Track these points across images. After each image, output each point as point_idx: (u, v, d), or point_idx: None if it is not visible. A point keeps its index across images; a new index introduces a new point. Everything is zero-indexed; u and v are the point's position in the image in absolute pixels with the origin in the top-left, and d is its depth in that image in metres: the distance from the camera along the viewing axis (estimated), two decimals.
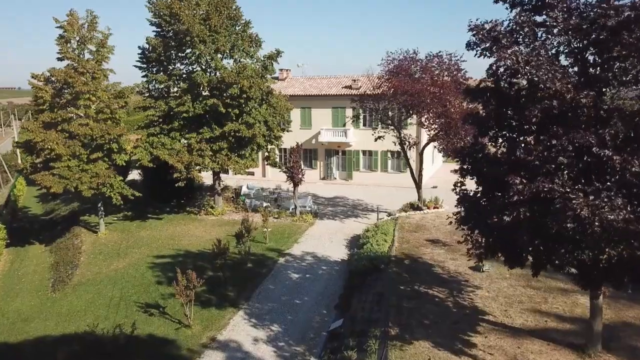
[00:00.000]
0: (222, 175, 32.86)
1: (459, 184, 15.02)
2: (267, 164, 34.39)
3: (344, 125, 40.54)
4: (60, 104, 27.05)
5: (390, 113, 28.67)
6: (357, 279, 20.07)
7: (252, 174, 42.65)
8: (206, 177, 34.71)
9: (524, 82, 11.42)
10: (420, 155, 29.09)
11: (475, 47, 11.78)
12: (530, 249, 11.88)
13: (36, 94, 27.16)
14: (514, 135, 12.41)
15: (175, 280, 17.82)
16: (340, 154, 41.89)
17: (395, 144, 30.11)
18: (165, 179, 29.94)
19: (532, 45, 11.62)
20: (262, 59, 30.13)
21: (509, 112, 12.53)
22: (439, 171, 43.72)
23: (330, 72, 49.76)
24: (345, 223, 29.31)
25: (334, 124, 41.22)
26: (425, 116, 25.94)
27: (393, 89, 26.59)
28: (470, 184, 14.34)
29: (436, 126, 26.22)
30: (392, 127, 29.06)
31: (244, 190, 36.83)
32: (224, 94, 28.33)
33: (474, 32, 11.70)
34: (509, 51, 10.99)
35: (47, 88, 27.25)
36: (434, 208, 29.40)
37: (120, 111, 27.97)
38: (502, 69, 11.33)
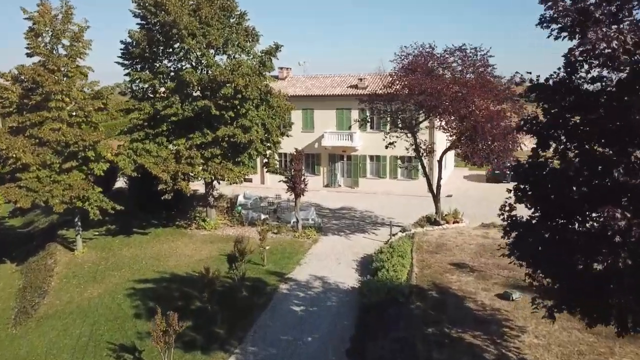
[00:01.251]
0: (217, 183, 29.53)
1: (507, 208, 11.46)
2: (267, 171, 31.03)
3: (350, 128, 37.17)
4: (29, 105, 23.71)
5: (403, 115, 25.35)
6: (373, 316, 16.72)
7: (250, 180, 39.30)
8: (200, 185, 31.43)
9: (623, 74, 8.11)
10: (439, 163, 25.74)
11: (552, 24, 8.45)
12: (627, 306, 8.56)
13: (1, 94, 23.81)
14: (601, 149, 9.05)
15: (153, 322, 14.52)
16: (345, 159, 38.55)
17: (408, 150, 26.77)
18: (152, 189, 26.61)
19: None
20: (260, 54, 26.83)
21: (587, 116, 9.20)
22: (452, 177, 40.42)
23: (335, 71, 47.73)
24: (354, 240, 25.96)
25: (338, 127, 37.89)
26: (446, 119, 22.59)
27: (408, 88, 23.28)
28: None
29: (458, 130, 22.89)
30: (406, 131, 25.72)
31: (240, 200, 33.47)
32: (217, 95, 24.99)
33: (550, 2, 8.37)
34: (606, 30, 7.66)
35: (14, 88, 23.93)
36: (454, 223, 26.06)
37: (98, 114, 24.58)
38: (594, 54, 7.97)
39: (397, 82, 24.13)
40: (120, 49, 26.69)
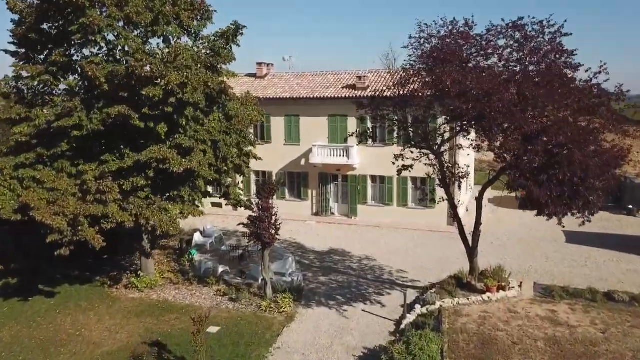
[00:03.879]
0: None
1: None
2: (227, 204, 22.38)
3: (346, 140, 28.64)
4: None
5: (423, 127, 16.73)
6: None
7: (219, 206, 30.72)
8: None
9: None
10: (478, 201, 16.96)
11: None
12: None
13: None
14: None
15: None
16: (340, 180, 29.96)
17: (430, 176, 18.16)
18: None
19: None
20: (212, 38, 18.21)
21: None
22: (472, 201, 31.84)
23: (327, 68, 39.89)
24: (349, 316, 17.29)
25: (331, 139, 29.33)
26: (499, 139, 13.83)
27: (433, 87, 14.72)
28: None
29: (520, 158, 14.11)
30: (427, 150, 17.13)
31: (196, 239, 24.88)
32: (141, 98, 16.37)
33: None
34: None
35: None
36: (499, 290, 17.37)
37: None
38: None
39: (416, 78, 15.61)
40: (10, 31, 18.09)
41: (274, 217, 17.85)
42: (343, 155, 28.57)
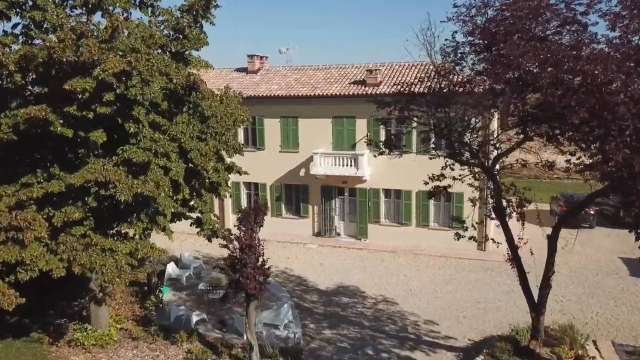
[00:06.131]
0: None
1: None
2: (201, 235, 17.34)
3: (354, 147, 23.85)
4: None
5: (472, 134, 11.83)
6: None
7: None
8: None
9: None
10: (551, 239, 11.94)
11: None
12: None
13: None
14: None
15: None
16: (346, 194, 25.06)
17: (475, 201, 13.30)
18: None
19: None
20: (175, 13, 13.27)
21: None
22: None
23: (331, 61, 34.87)
24: None
25: (336, 145, 24.44)
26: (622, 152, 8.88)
27: (499, 75, 9.85)
28: None
29: None
30: (478, 166, 12.23)
31: (171, 271, 20.00)
32: (71, 94, 11.47)
33: None
34: None
35: None
36: None
37: None
38: None
39: (470, 61, 10.77)
40: None
41: (261, 258, 12.98)
42: (350, 165, 23.69)
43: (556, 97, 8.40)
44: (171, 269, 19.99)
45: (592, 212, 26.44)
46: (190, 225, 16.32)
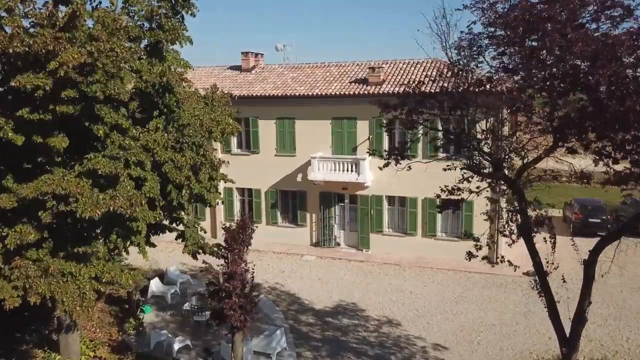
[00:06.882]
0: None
1: None
2: (184, 251, 15.58)
3: (354, 150, 22.15)
4: None
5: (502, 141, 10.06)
6: None
7: None
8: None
9: None
10: (589, 265, 10.14)
11: None
12: None
13: None
14: None
15: None
16: (347, 201, 23.33)
17: (490, 215, 11.56)
18: None
19: None
20: (152, 3, 11.51)
21: None
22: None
23: (332, 58, 32.44)
24: None
25: (336, 149, 22.72)
26: None
27: (530, 71, 8.14)
28: None
29: None
30: (498, 177, 10.47)
31: (154, 288, 18.27)
32: (23, 93, 9.76)
33: None
34: None
35: None
36: None
37: None
38: None
39: (488, 56, 9.07)
40: None
41: (247, 286, 11.26)
42: (351, 170, 21.96)
43: (614, 99, 6.70)
44: (155, 285, 18.26)
45: (610, 219, 24.74)
46: (176, 239, 14.68)
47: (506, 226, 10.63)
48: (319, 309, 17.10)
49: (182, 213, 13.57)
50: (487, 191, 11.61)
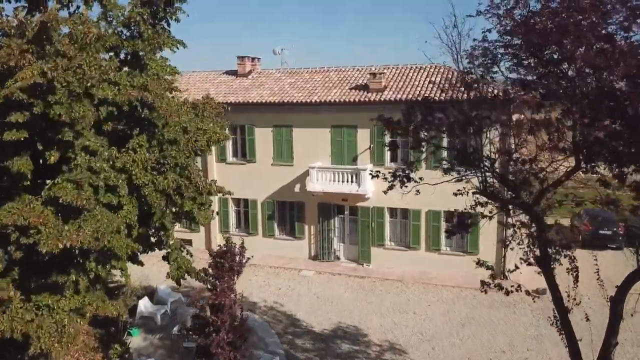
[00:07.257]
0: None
1: None
2: (167, 276, 14.51)
3: (355, 160, 21.08)
4: None
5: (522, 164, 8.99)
6: None
7: (189, 243, 22.89)
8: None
9: None
10: (617, 301, 9.11)
11: None
12: None
13: None
14: None
15: None
16: (347, 213, 22.29)
17: (508, 242, 10.48)
18: None
19: None
20: (133, 9, 10.46)
21: None
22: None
23: (331, 63, 31.39)
24: None
25: (335, 159, 21.68)
26: None
27: (553, 92, 7.10)
28: None
29: None
30: (515, 203, 9.41)
31: (143, 308, 17.24)
32: None
33: None
34: None
35: None
36: None
37: None
38: None
39: (503, 67, 8.08)
40: None
41: (237, 319, 10.23)
42: (351, 181, 20.92)
43: None
44: (144, 305, 17.23)
45: (621, 232, 23.70)
46: (163, 258, 13.70)
47: (529, 253, 9.57)
48: (318, 332, 16.06)
49: (166, 234, 12.53)
50: (501, 215, 10.59)
